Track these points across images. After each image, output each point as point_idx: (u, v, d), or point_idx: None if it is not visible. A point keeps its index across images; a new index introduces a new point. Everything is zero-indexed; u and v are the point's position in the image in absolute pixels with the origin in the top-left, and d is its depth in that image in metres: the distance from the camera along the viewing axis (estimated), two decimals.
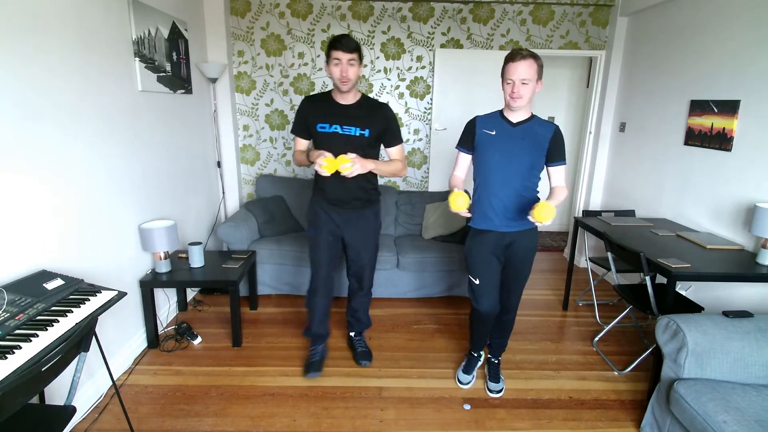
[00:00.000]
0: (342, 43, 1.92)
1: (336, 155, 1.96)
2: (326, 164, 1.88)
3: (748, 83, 2.45)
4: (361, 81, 3.79)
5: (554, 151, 1.96)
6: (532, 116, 1.96)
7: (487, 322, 2.18)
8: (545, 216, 1.71)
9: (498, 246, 2.02)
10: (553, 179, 2.01)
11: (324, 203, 2.22)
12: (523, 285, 2.13)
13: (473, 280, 2.09)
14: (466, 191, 1.92)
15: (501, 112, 1.99)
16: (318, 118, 2.08)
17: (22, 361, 1.23)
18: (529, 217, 1.76)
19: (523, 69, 1.80)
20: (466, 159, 2.06)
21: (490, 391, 2.25)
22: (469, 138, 2.01)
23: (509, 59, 1.84)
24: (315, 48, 3.72)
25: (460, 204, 1.84)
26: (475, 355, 2.37)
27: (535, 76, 1.83)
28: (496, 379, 2.29)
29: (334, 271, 2.35)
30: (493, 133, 1.94)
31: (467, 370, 2.35)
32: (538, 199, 1.98)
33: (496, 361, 2.35)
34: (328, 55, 1.99)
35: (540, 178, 2.01)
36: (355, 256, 2.32)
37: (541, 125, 1.95)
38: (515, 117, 1.94)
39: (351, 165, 1.90)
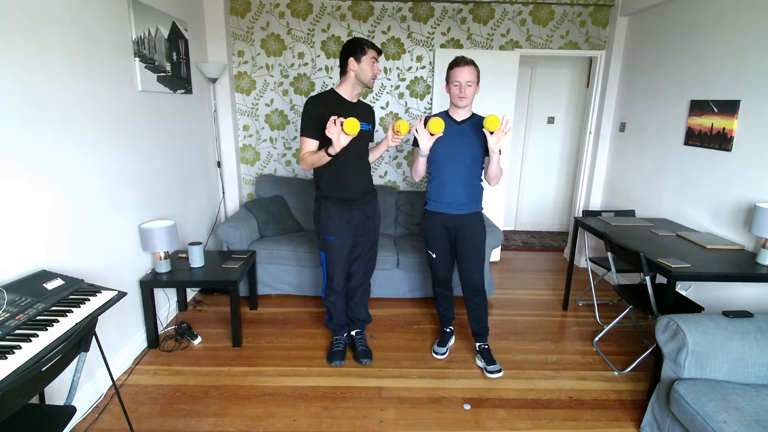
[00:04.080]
0: (376, 45, 2.14)
1: (357, 150, 2.19)
2: (345, 122, 1.94)
3: (748, 83, 2.45)
4: None
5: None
6: (473, 115, 2.28)
7: (446, 295, 2.58)
8: (492, 122, 2.00)
9: (449, 225, 2.34)
10: None
11: (334, 205, 2.26)
12: (480, 265, 2.38)
13: (431, 254, 2.44)
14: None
15: (447, 112, 2.30)
16: (333, 113, 2.10)
17: (22, 361, 1.23)
18: (484, 130, 2.05)
19: (467, 73, 2.12)
20: None
21: (489, 373, 2.39)
22: None
23: (454, 65, 2.15)
24: (315, 48, 3.72)
25: (439, 124, 2.04)
26: (447, 330, 2.67)
27: (476, 80, 2.16)
28: (491, 362, 2.43)
29: (349, 267, 2.44)
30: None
31: (441, 344, 2.63)
32: (482, 188, 2.34)
33: (486, 347, 2.51)
34: (363, 53, 2.10)
35: (483, 169, 2.31)
36: (364, 248, 2.41)
37: (480, 121, 2.18)
38: (459, 116, 2.26)
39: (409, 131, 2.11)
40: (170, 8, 2.84)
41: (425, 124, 2.10)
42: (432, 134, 2.08)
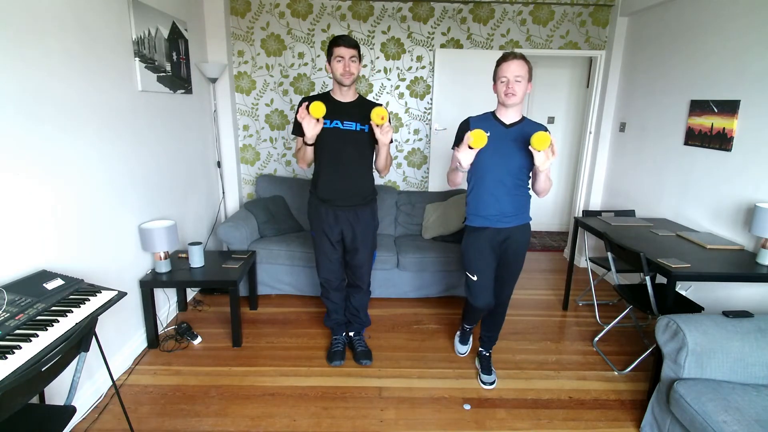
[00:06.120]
0: (344, 40, 2.04)
1: (338, 150, 2.14)
2: (311, 105, 1.93)
3: (748, 83, 2.44)
4: (360, 81, 3.79)
5: None
6: (524, 118, 2.03)
7: (481, 312, 2.32)
8: (541, 142, 1.79)
9: (494, 242, 2.10)
10: None
11: (319, 202, 2.27)
12: (516, 278, 2.20)
13: (471, 276, 2.16)
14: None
15: (493, 113, 2.06)
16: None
17: (22, 361, 1.23)
18: (530, 147, 1.84)
19: (515, 67, 1.90)
20: None
21: (483, 383, 2.32)
22: None
23: (502, 60, 1.94)
24: (315, 48, 3.72)
25: (482, 137, 1.83)
26: (468, 328, 2.51)
27: (526, 76, 1.92)
28: (488, 371, 2.36)
29: (339, 266, 2.41)
30: (488, 134, 1.96)
31: (463, 341, 2.55)
32: (530, 195, 2.10)
33: (488, 354, 2.42)
34: (330, 53, 2.08)
35: (530, 177, 2.09)
36: (351, 254, 2.36)
37: (532, 127, 1.98)
38: (508, 118, 2.01)
39: (388, 126, 2.02)
40: (170, 8, 2.84)
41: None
42: (471, 148, 1.85)
